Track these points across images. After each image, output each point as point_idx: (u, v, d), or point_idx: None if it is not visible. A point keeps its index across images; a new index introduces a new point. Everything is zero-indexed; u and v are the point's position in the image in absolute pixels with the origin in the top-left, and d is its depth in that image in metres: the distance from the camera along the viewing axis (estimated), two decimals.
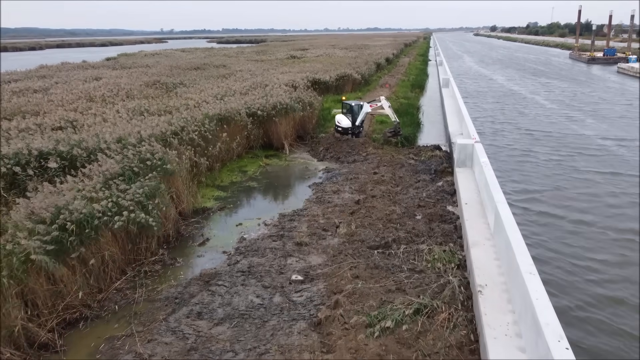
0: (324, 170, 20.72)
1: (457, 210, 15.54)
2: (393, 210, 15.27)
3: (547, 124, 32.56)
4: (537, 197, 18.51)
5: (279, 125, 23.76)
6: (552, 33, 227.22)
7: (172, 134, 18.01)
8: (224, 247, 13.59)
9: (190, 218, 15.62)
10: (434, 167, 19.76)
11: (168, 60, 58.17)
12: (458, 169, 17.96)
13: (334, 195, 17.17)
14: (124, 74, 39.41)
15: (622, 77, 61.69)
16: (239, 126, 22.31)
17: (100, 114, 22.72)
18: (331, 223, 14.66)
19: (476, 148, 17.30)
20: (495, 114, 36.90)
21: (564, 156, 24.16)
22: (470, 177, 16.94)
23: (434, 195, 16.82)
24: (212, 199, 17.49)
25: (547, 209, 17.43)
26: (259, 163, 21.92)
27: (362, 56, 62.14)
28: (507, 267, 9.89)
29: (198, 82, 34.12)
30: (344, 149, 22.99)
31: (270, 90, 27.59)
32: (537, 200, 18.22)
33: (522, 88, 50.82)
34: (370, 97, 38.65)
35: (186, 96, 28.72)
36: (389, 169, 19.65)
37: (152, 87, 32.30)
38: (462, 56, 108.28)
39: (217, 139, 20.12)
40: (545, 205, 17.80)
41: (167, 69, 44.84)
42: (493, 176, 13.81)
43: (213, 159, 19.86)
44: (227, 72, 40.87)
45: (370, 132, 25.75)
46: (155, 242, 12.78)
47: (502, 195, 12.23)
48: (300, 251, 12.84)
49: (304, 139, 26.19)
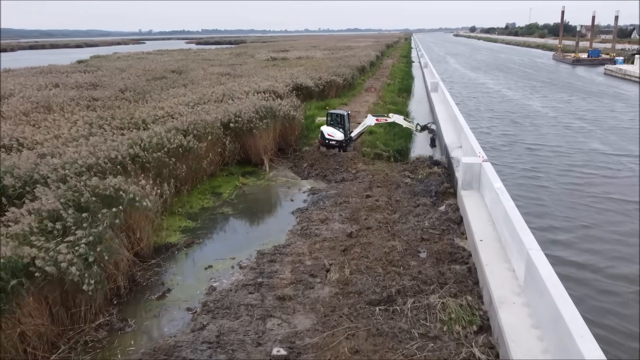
0: (309, 192, 18.22)
1: (468, 244, 13.21)
2: (393, 247, 12.84)
3: (553, 136, 29.35)
4: (564, 240, 15.22)
5: (258, 138, 21.19)
6: (531, 34, 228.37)
7: (133, 156, 15.33)
8: (188, 301, 11.00)
9: (150, 259, 12.98)
10: (434, 187, 17.40)
11: (141, 63, 54.99)
12: (464, 191, 15.64)
13: (321, 226, 14.68)
14: (91, 79, 36.30)
15: (609, 79, 60.49)
16: (213, 140, 19.68)
17: (55, 126, 19.97)
18: (320, 265, 12.17)
19: (485, 168, 14.99)
20: (493, 123, 33.80)
21: (579, 178, 21.17)
22: (480, 203, 14.62)
23: (438, 225, 14.45)
24: (178, 232, 14.85)
25: (578, 257, 14.06)
26: (235, 183, 19.31)
27: (344, 58, 59.81)
28: (557, 344, 7.54)
29: (167, 91, 31.28)
30: (330, 166, 20.51)
31: (247, 98, 25.02)
32: (565, 245, 14.86)
33: (515, 93, 48.51)
34: (356, 102, 36.32)
35: (155, 105, 26.01)
36: (384, 191, 17.24)
37: (119, 95, 29.39)
38: (446, 58, 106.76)
39: (187, 156, 17.48)
40: (575, 251, 14.40)
41: (141, 72, 41.94)
42: (514, 209, 11.46)
43: (181, 181, 17.24)
44: (200, 76, 38.09)
45: (359, 144, 23.33)
46: (99, 300, 10.10)
47: (533, 238, 9.89)
48: (283, 308, 10.31)
49: (285, 152, 23.66)
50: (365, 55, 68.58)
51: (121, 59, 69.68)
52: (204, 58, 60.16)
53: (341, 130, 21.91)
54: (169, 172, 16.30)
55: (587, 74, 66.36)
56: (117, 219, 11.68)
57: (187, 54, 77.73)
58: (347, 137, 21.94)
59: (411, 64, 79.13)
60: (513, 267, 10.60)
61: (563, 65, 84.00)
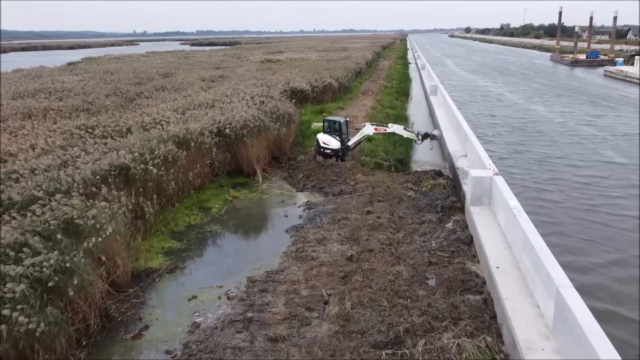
0: (305, 206, 16.90)
1: (481, 269, 11.93)
2: (398, 273, 11.55)
3: (564, 145, 27.18)
4: (585, 265, 13.53)
5: (250, 147, 19.86)
6: (527, 34, 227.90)
7: (114, 169, 13.96)
8: (168, 342, 9.67)
9: (127, 288, 11.62)
10: (440, 202, 16.10)
11: (132, 65, 53.49)
12: (473, 207, 14.37)
13: (318, 247, 13.37)
14: (77, 82, 34.82)
15: (610, 80, 59.47)
16: (201, 150, 18.34)
17: (33, 134, 18.61)
18: (317, 296, 10.86)
19: (497, 183, 13.72)
20: (496, 130, 31.72)
21: (597, 192, 19.37)
22: (492, 221, 13.35)
23: (446, 246, 13.16)
24: (160, 254, 13.49)
25: (606, 289, 12.27)
26: (225, 196, 17.96)
27: (340, 60, 58.52)
28: None
29: (156, 96, 29.92)
30: (328, 177, 19.20)
31: (238, 103, 23.70)
32: (586, 271, 13.20)
33: (517, 97, 46.89)
34: (353, 106, 35.04)
35: (142, 111, 24.66)
36: (385, 206, 15.93)
37: (106, 100, 28.00)
38: (443, 59, 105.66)
39: (171, 169, 16.14)
40: (609, 295, 12.14)
41: (130, 74, 40.52)
42: (536, 233, 10.20)
43: (166, 197, 15.89)
44: (190, 79, 36.72)
45: (357, 152, 22.03)
46: (62, 346, 8.75)
47: (562, 272, 8.62)
48: (275, 352, 8.98)
49: (279, 160, 22.34)
50: (362, 56, 67.34)
51: (112, 61, 68.18)
52: (194, 61, 58.61)
53: (338, 139, 20.61)
54: (152, 187, 14.93)
55: (587, 76, 65.32)
56: (86, 246, 10.34)
57: (180, 56, 76.16)
58: (344, 146, 20.63)
59: (408, 66, 77.97)
60: (537, 302, 9.32)
61: (561, 66, 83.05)
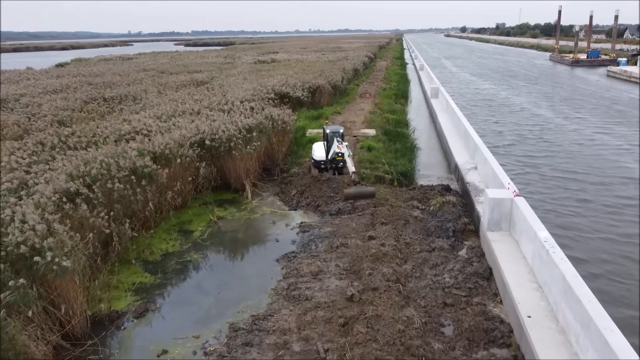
0: (299, 229, 15.02)
1: (505, 312, 10.10)
2: (409, 320, 9.68)
3: (587, 158, 24.22)
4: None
5: (238, 160, 17.97)
6: (523, 34, 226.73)
7: (71, 193, 12.05)
8: None
9: (86, 339, 9.73)
10: (451, 224, 14.25)
11: (121, 67, 51.46)
12: (491, 233, 12.55)
13: (314, 283, 11.50)
14: (57, 85, 32.79)
15: (614, 81, 57.84)
16: (183, 165, 16.45)
17: None
18: (312, 352, 8.99)
19: (519, 206, 11.90)
20: (504, 139, 29.01)
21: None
22: (515, 252, 11.52)
23: (462, 281, 11.33)
24: (129, 292, 11.58)
25: None
26: (209, 216, 16.05)
27: (336, 61, 56.69)
28: None
29: (140, 101, 28.01)
30: (324, 193, 17.33)
31: (229, 110, 21.85)
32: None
33: (522, 100, 44.70)
34: (350, 110, 33.21)
35: (125, 117, 22.77)
36: (390, 230, 14.05)
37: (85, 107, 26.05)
38: (441, 59, 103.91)
39: (148, 187, 14.25)
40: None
41: (117, 78, 38.51)
42: (578, 279, 8.37)
43: (140, 221, 14.00)
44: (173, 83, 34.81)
45: (357, 164, 20.18)
46: None
47: (622, 338, 6.81)
48: None
49: (272, 172, 20.47)
50: (358, 57, 65.54)
51: (100, 62, 66.14)
52: (184, 64, 56.62)
53: (324, 149, 18.90)
54: (121, 210, 13.04)
55: (591, 77, 63.58)
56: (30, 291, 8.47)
57: (171, 57, 74.08)
58: (327, 159, 18.77)
59: (405, 67, 76.22)
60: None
61: (562, 66, 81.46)
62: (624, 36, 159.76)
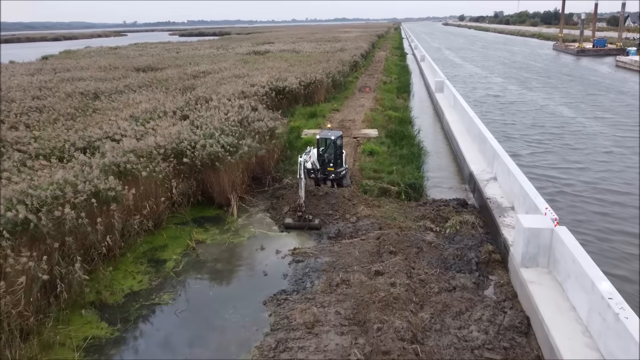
0: (292, 257, 12.67)
1: None
2: None
3: (628, 172, 19.96)
4: None
5: (222, 172, 15.58)
6: (523, 22, 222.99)
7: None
8: None
9: None
10: (473, 253, 11.94)
11: (107, 60, 48.67)
12: (525, 271, 10.23)
13: (308, 341, 9.17)
14: (35, 82, 30.19)
15: (624, 72, 55.24)
16: (155, 182, 14.05)
17: None
18: None
19: (562, 239, 9.58)
20: (521, 145, 24.38)
21: None
22: (561, 303, 9.20)
23: (494, 337, 9.02)
24: (78, 353, 9.21)
25: None
26: (187, 241, 13.67)
27: (334, 52, 53.99)
28: None
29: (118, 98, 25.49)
30: (321, 210, 14.95)
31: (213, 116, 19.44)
32: None
33: (533, 94, 41.48)
34: (349, 107, 30.72)
35: (100, 118, 20.35)
36: (400, 261, 11.71)
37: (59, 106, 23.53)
38: (441, 49, 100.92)
39: (108, 212, 11.87)
40: None
41: (100, 73, 35.87)
42: None
43: (100, 253, 11.63)
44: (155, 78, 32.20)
45: (358, 174, 17.80)
46: None
47: None
48: None
49: (262, 181, 18.06)
50: (356, 47, 62.81)
51: (87, 54, 63.26)
52: (175, 57, 53.85)
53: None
54: (72, 243, 10.67)
55: (600, 67, 60.49)
56: None
57: (162, 49, 71.16)
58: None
59: (405, 57, 73.43)
60: None
61: (566, 56, 78.69)
62: (626, 24, 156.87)
